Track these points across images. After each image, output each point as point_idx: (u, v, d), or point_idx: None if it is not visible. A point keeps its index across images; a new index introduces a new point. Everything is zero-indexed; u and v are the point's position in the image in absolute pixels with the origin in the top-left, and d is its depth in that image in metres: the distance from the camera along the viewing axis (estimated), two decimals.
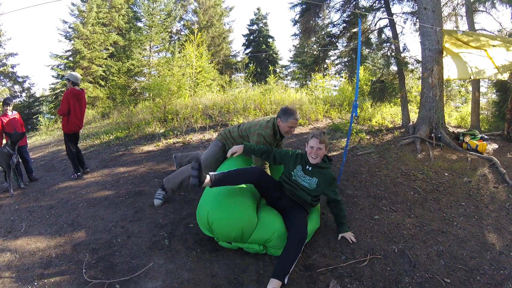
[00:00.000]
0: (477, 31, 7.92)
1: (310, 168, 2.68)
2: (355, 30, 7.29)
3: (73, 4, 15.34)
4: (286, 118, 3.05)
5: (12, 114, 4.75)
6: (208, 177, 2.45)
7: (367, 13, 7.35)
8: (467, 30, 7.94)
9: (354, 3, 7.61)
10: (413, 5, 7.30)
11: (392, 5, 7.43)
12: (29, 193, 4.22)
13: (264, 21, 23.43)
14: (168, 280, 2.27)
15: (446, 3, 9.19)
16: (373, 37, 8.16)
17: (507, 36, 7.88)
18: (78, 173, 4.73)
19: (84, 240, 2.83)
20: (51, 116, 15.15)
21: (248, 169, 2.64)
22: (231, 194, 2.59)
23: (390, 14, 7.14)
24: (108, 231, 2.97)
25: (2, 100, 4.97)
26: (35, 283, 2.28)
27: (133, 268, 2.41)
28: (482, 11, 8.33)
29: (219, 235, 2.51)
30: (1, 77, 14.97)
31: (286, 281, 2.18)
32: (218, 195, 2.59)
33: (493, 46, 5.44)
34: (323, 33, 9.43)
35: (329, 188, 2.71)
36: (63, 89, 14.86)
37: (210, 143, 3.53)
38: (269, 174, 3.14)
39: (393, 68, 7.27)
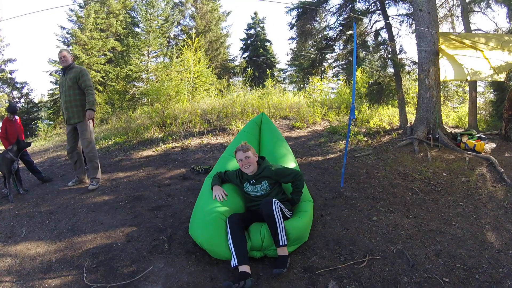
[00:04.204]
0: (473, 32, 7.98)
1: (254, 181, 2.83)
2: (350, 32, 7.36)
3: (71, 10, 15.43)
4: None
5: (14, 119, 4.80)
6: (243, 268, 2.28)
7: (362, 17, 7.41)
8: (463, 31, 8.01)
9: (350, 6, 7.68)
10: (409, 7, 7.38)
11: (388, 7, 7.51)
12: (28, 198, 4.22)
13: (261, 25, 23.59)
14: (168, 284, 2.28)
15: (441, 4, 9.24)
16: (370, 40, 8.24)
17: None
18: None
19: (84, 245, 2.83)
20: (50, 122, 15.15)
21: (232, 226, 2.49)
22: (220, 223, 2.56)
23: (386, 16, 7.21)
24: (108, 236, 2.97)
25: (7, 106, 5.02)
26: None
27: (133, 272, 2.41)
28: (478, 11, 8.36)
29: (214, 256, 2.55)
30: (0, 83, 15.00)
31: (286, 242, 2.43)
32: (208, 225, 2.54)
33: (489, 48, 5.48)
34: (320, 36, 9.51)
35: (283, 178, 2.82)
36: None
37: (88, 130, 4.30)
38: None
39: (390, 70, 7.33)
